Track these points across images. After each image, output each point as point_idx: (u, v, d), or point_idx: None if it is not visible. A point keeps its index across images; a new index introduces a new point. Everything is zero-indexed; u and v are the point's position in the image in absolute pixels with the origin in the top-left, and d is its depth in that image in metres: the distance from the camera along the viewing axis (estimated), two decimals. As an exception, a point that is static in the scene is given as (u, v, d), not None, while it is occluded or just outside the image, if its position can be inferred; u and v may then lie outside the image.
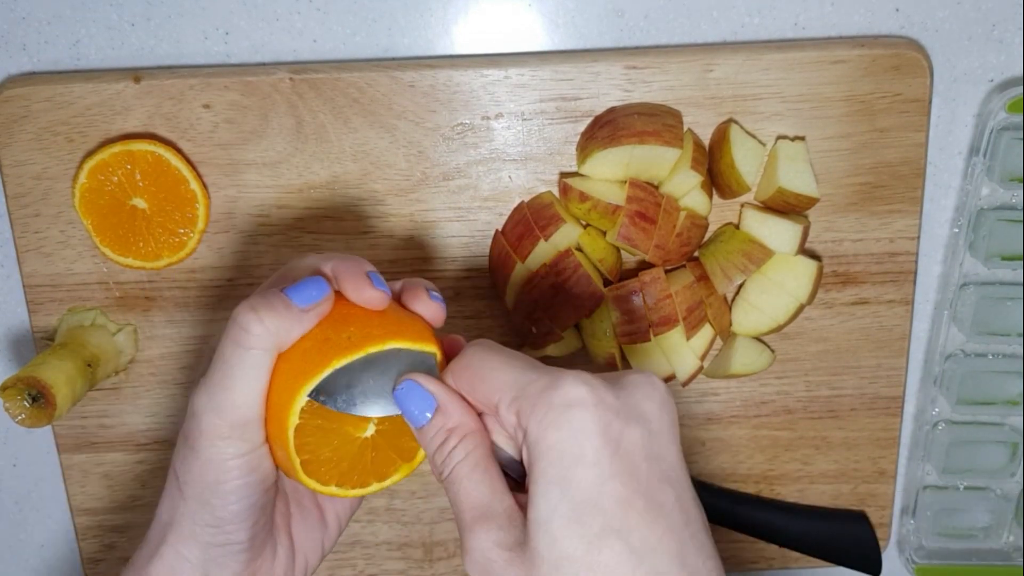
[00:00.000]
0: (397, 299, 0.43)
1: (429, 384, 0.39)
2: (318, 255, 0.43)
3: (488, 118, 0.55)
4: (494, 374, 0.38)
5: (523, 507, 0.36)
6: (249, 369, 0.39)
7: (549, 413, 0.35)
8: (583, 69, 0.54)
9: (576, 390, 0.35)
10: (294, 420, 0.39)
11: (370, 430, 0.41)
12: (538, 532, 0.35)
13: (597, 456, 0.35)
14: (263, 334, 0.39)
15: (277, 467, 0.42)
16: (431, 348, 0.41)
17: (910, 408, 0.63)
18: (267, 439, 0.40)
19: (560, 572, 0.34)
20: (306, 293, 0.40)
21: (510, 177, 0.56)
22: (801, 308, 0.56)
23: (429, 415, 0.39)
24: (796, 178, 0.54)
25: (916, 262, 0.58)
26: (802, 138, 0.56)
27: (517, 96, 0.55)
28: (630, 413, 0.36)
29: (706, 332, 0.57)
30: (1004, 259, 0.58)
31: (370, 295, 0.41)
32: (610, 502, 0.34)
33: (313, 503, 0.46)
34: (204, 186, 0.55)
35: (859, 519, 0.61)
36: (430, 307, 0.42)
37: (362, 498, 0.44)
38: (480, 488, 0.37)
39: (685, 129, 0.55)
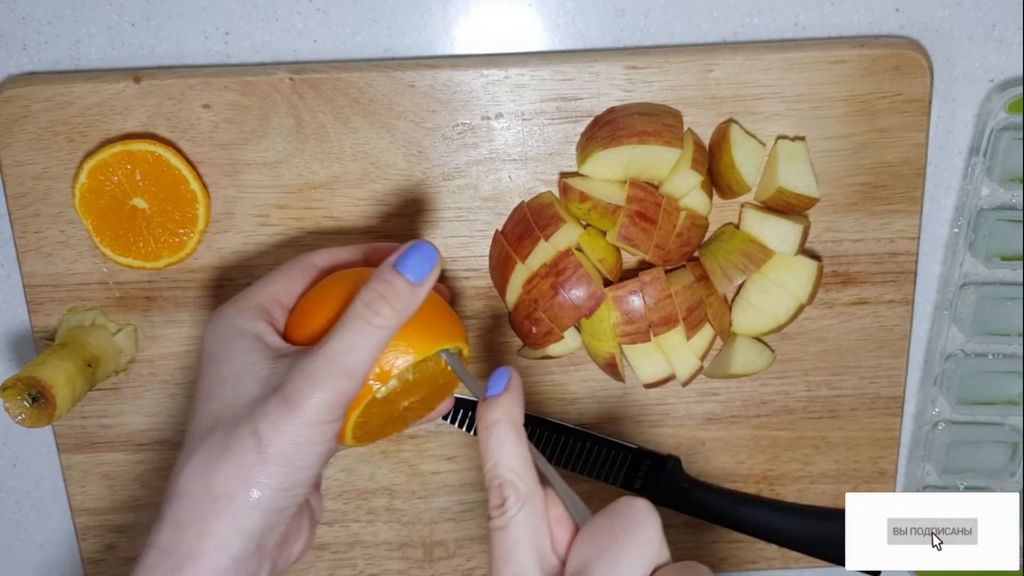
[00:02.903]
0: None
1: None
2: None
3: (488, 118, 0.55)
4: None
5: None
6: (373, 346, 0.41)
7: None
8: (583, 69, 0.54)
9: None
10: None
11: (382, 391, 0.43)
12: None
13: None
14: (391, 317, 0.41)
15: None
16: (462, 344, 0.45)
17: (910, 408, 0.63)
18: None
19: None
20: (419, 268, 0.42)
21: (510, 177, 0.56)
22: (801, 308, 0.56)
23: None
24: (796, 178, 0.54)
25: (916, 262, 0.58)
26: (802, 138, 0.56)
27: (517, 96, 0.55)
28: None
29: (706, 332, 0.57)
30: (1004, 259, 0.58)
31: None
32: None
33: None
34: (204, 186, 0.55)
35: (859, 519, 0.61)
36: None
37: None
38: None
39: (685, 129, 0.55)
